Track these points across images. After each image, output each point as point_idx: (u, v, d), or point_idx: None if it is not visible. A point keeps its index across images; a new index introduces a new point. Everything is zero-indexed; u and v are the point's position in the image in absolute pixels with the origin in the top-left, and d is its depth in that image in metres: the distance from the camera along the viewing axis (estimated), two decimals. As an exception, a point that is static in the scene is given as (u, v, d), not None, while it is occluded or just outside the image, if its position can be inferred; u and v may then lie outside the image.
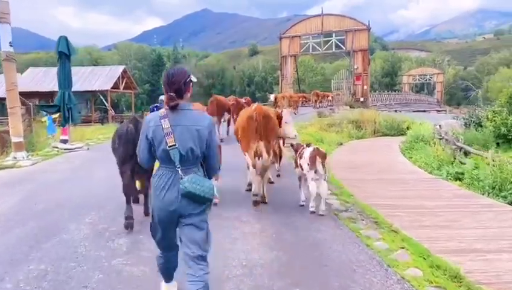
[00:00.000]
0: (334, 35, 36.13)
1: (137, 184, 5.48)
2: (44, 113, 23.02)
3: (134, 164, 4.55)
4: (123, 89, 34.09)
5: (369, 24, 34.41)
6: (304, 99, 32.18)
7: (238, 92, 69.18)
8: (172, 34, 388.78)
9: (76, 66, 34.56)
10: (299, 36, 37.25)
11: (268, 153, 5.84)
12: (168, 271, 3.17)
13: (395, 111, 31.48)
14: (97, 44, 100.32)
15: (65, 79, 12.12)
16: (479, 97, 77.57)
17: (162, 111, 2.74)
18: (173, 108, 2.68)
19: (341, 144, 13.58)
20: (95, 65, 53.16)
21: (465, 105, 73.14)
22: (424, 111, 38.97)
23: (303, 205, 5.99)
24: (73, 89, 32.58)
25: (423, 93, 67.98)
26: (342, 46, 36.20)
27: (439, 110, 41.36)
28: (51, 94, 32.97)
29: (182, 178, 2.61)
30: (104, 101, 33.04)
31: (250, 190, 6.28)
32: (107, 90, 30.79)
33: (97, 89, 30.95)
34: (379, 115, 19.19)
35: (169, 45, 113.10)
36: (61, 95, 12.07)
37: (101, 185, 7.12)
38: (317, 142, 12.67)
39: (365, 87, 34.31)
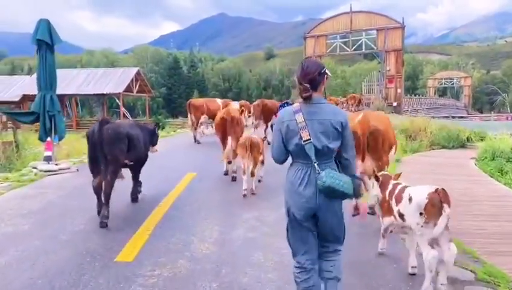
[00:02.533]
0: (364, 34, 33.33)
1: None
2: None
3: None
4: (137, 92, 31.98)
5: (403, 22, 31.47)
6: (334, 103, 29.77)
7: (254, 95, 67.94)
8: (189, 38, 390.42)
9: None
10: (326, 35, 34.45)
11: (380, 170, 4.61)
12: None
13: (432, 117, 28.67)
14: (115, 48, 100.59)
15: (46, 78, 8.76)
16: (506, 102, 75.11)
17: (296, 105, 2.67)
18: (306, 99, 2.62)
19: (398, 160, 10.94)
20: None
21: (490, 110, 71.15)
22: (462, 117, 35.89)
23: (414, 274, 3.73)
24: (84, 92, 30.78)
25: (446, 98, 64.80)
26: (372, 45, 33.36)
27: (482, 117, 38.12)
28: (61, 97, 31.17)
29: (319, 173, 2.54)
30: (120, 105, 31.25)
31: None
32: (119, 93, 28.65)
33: (109, 92, 28.83)
34: (430, 122, 16.36)
35: (186, 48, 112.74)
36: (40, 99, 8.73)
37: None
38: None
39: (398, 90, 31.24)
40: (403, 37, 31.39)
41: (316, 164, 2.55)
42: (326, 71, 2.69)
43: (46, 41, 8.56)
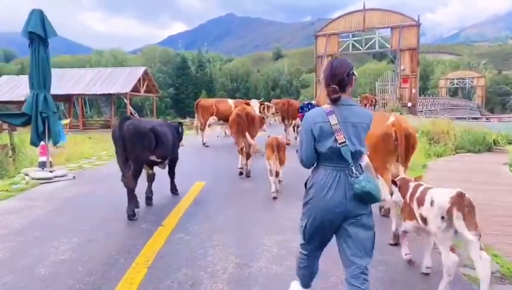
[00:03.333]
0: (377, 32, 32.19)
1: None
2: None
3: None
4: (144, 92, 31.28)
5: (418, 19, 30.27)
6: None
7: (262, 95, 67.44)
8: (197, 39, 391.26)
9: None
10: (338, 34, 33.38)
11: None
12: (309, 276, 2.92)
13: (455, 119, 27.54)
14: (124, 48, 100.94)
15: (39, 75, 7.73)
16: None
17: (327, 106, 2.58)
18: (335, 101, 2.55)
19: (424, 165, 9.91)
20: (120, 69, 51.54)
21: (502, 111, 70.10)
22: (476, 118, 34.57)
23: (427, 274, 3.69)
24: (92, 92, 30.33)
25: (457, 98, 63.53)
26: (386, 44, 32.21)
27: (500, 118, 36.74)
28: (68, 98, 30.53)
29: (357, 177, 2.48)
30: (128, 105, 30.60)
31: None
32: (126, 93, 27.93)
33: (116, 92, 28.14)
34: (452, 124, 15.24)
35: (194, 49, 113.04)
36: (33, 99, 7.71)
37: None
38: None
39: (413, 91, 30.02)
40: (418, 35, 30.17)
41: (353, 167, 2.50)
42: (354, 72, 2.62)
43: (38, 34, 7.60)
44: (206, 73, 76.63)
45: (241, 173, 8.26)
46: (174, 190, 6.66)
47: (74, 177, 8.28)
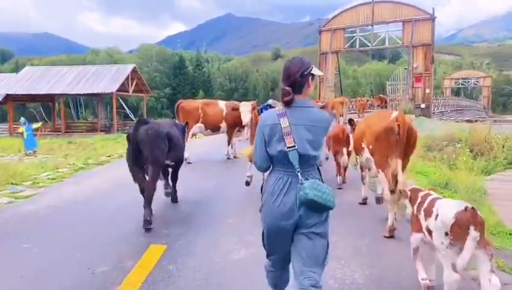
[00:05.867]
0: (387, 26, 29.74)
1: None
2: (23, 121, 17.73)
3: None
4: (133, 91, 28.91)
5: (433, 12, 27.76)
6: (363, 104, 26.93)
7: (262, 96, 65.89)
8: (196, 39, 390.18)
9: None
10: (344, 29, 30.88)
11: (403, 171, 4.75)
12: (280, 285, 2.74)
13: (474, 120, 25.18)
14: (122, 48, 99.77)
15: None
16: None
17: (280, 108, 2.49)
18: (287, 103, 2.45)
19: (482, 190, 7.30)
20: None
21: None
22: (494, 121, 32.15)
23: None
24: (75, 91, 27.75)
25: (465, 99, 61.59)
26: (397, 40, 29.77)
27: None
28: (50, 97, 28.10)
29: (302, 183, 2.37)
30: (124, 105, 28.20)
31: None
32: (112, 93, 25.48)
33: (101, 92, 25.69)
34: (490, 130, 12.73)
35: (193, 49, 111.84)
36: None
37: None
38: (443, 191, 6.87)
39: (427, 90, 27.54)
40: (433, 30, 27.65)
41: (299, 173, 2.39)
42: (313, 71, 2.49)
43: None
44: (204, 73, 75.59)
45: (247, 184, 7.06)
46: (174, 197, 6.47)
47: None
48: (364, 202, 6.30)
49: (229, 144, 11.01)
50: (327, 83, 30.06)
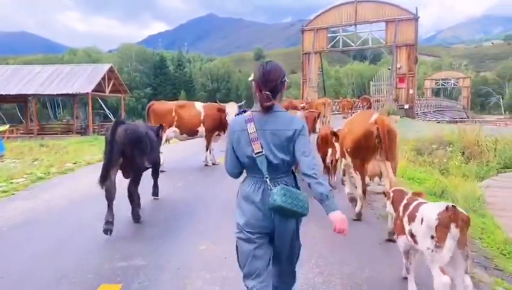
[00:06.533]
0: (371, 26, 29.43)
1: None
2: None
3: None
4: (110, 91, 27.84)
5: (416, 12, 27.59)
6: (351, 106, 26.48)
7: (244, 96, 65.23)
8: (178, 39, 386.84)
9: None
10: (326, 28, 30.47)
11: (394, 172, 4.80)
12: None
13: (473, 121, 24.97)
14: (103, 48, 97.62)
15: None
16: (501, 104, 74.16)
17: (249, 114, 2.45)
18: (268, 109, 2.39)
19: (481, 199, 6.72)
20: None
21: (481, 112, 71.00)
22: (474, 122, 32.24)
23: None
24: (48, 92, 26.51)
25: (440, 99, 62.57)
26: (380, 40, 29.51)
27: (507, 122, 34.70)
28: (23, 98, 26.80)
29: (271, 189, 2.32)
30: (104, 106, 27.15)
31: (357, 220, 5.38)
32: (87, 93, 24.40)
33: (76, 92, 24.59)
34: (480, 131, 12.36)
35: (174, 49, 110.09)
36: None
37: None
38: (439, 200, 6.47)
39: (411, 91, 27.37)
40: (416, 30, 27.50)
41: (267, 180, 2.34)
42: (286, 78, 2.48)
43: None
44: (185, 73, 74.71)
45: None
46: (155, 192, 6.56)
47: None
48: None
49: (207, 149, 10.00)
50: (310, 83, 29.63)
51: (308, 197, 2.35)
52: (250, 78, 2.50)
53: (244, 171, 2.54)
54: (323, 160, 7.31)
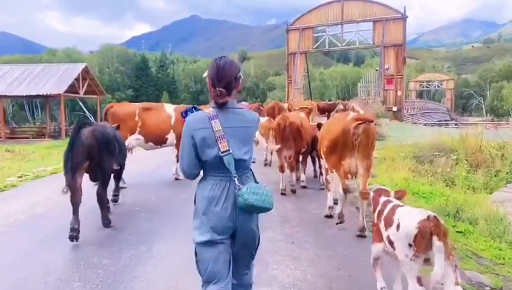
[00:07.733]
0: (358, 26, 28.61)
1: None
2: None
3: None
4: (85, 93, 26.33)
5: (404, 11, 26.88)
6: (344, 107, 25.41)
7: None
8: (161, 40, 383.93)
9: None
10: (312, 28, 29.54)
11: (368, 171, 4.81)
12: None
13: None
14: (85, 49, 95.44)
15: None
16: (482, 106, 75.22)
17: (210, 111, 2.33)
18: (222, 106, 2.32)
19: (509, 223, 5.59)
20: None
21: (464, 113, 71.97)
22: (455, 124, 31.79)
23: None
24: (16, 93, 24.70)
25: (423, 101, 62.95)
26: (368, 40, 28.72)
27: (496, 125, 34.31)
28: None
29: (239, 188, 2.26)
30: (84, 108, 25.63)
31: (331, 216, 5.58)
32: (59, 95, 22.88)
33: (47, 93, 23.03)
34: (481, 135, 11.36)
35: (158, 50, 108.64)
36: None
37: None
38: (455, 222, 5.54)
39: (399, 93, 26.64)
40: (404, 29, 26.78)
41: (235, 178, 2.28)
42: (241, 74, 2.41)
43: None
44: (168, 74, 73.24)
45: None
46: (116, 197, 6.41)
47: None
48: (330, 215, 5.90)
49: (178, 160, 7.99)
50: (296, 85, 28.64)
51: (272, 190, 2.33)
52: (205, 75, 2.40)
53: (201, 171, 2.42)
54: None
